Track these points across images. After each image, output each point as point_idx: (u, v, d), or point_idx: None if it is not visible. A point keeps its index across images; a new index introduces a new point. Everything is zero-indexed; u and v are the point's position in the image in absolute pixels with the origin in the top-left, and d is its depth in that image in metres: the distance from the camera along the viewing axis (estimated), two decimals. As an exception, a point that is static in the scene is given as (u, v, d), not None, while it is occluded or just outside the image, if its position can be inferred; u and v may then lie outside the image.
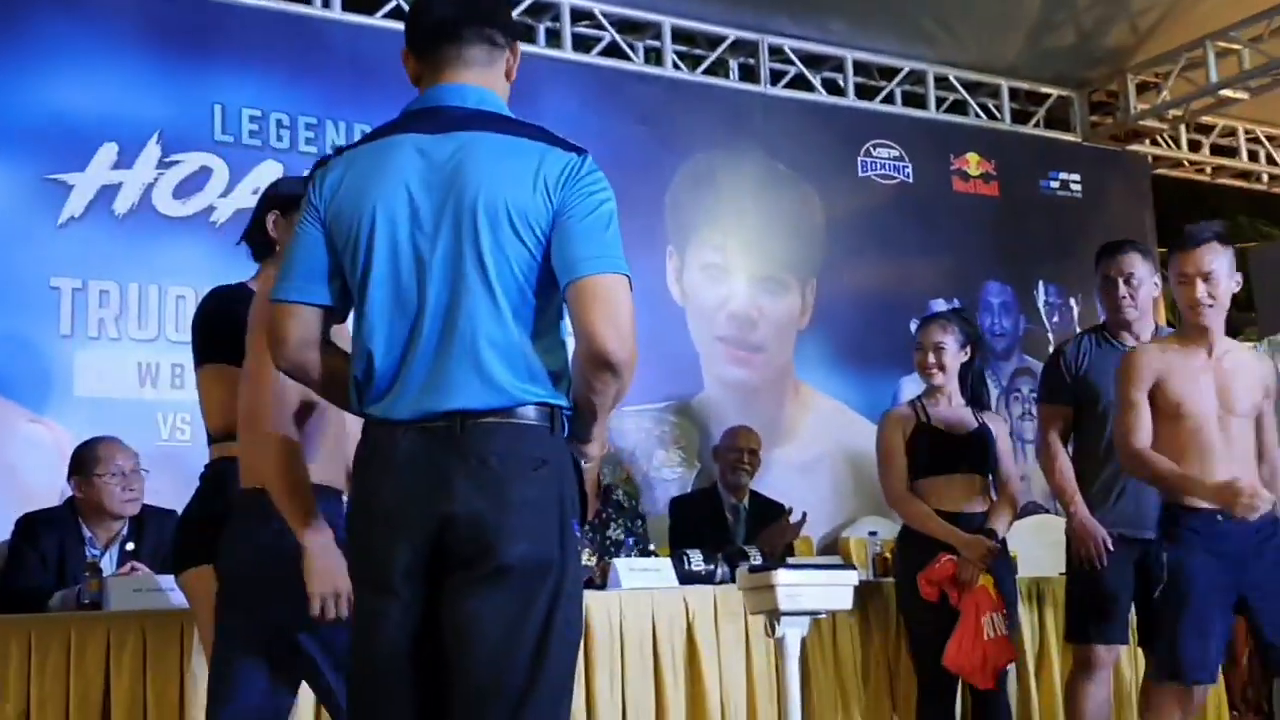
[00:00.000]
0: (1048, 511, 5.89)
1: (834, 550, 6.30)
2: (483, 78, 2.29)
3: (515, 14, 6.36)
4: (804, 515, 5.31)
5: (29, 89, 5.17)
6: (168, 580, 3.63)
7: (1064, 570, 4.29)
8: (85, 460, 4.17)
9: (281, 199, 2.96)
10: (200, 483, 3.01)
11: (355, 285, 2.22)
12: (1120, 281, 4.23)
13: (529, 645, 2.11)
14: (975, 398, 4.44)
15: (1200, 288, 3.69)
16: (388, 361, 2.19)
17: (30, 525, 4.14)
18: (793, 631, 3.25)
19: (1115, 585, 4.11)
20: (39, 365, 5.02)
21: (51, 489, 4.63)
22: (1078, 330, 6.28)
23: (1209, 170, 8.85)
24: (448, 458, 2.14)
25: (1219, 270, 3.71)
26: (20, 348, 4.99)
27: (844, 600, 3.31)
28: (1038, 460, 4.34)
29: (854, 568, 3.38)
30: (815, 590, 3.24)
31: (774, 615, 3.23)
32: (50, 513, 4.22)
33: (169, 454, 4.90)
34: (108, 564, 4.07)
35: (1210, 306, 3.71)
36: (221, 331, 2.93)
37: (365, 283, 2.19)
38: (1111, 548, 4.06)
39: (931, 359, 4.36)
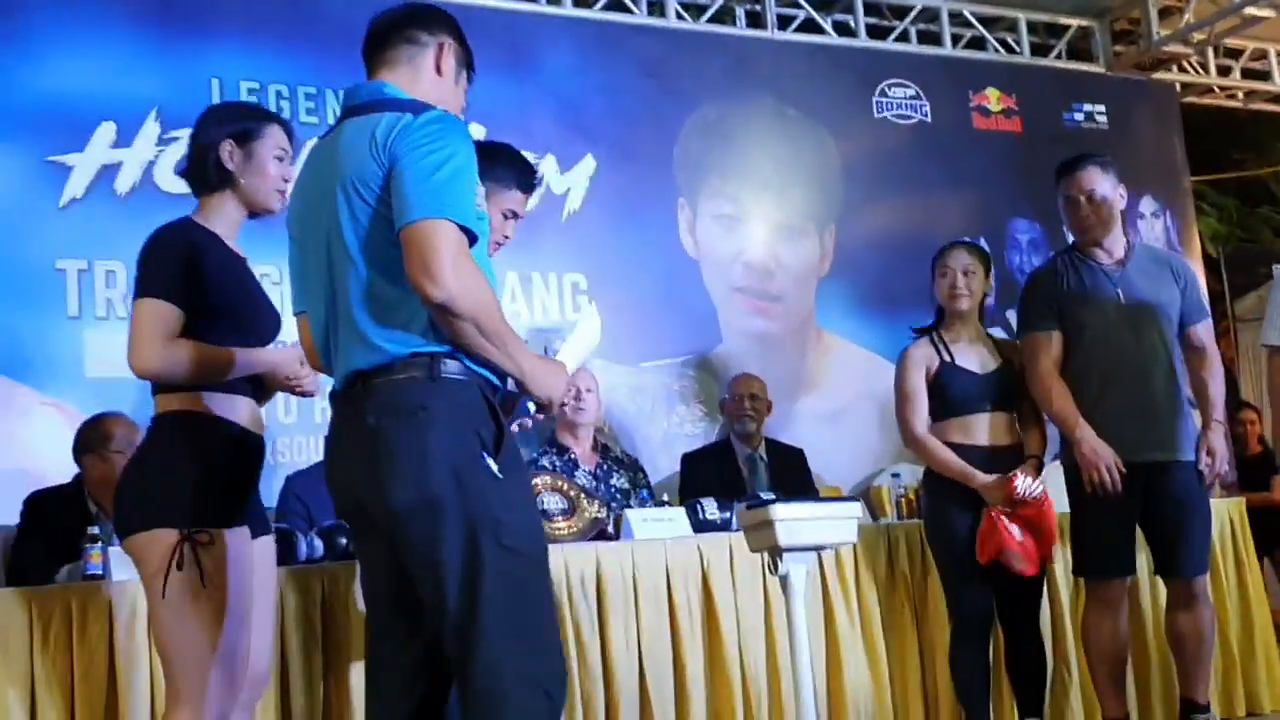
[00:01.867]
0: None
1: (866, 500, 6.20)
2: (393, 73, 2.49)
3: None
4: None
5: (24, 72, 5.17)
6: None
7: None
8: (93, 437, 4.15)
9: (235, 129, 2.88)
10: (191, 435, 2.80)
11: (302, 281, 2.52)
12: (1083, 200, 4.08)
13: (456, 580, 2.23)
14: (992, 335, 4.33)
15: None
16: (321, 345, 2.46)
17: (39, 504, 4.15)
18: (796, 568, 3.16)
19: (1121, 515, 3.98)
20: (48, 348, 5.03)
21: (66, 471, 4.59)
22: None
23: (1240, 95, 8.62)
24: (346, 424, 2.38)
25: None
26: (28, 331, 5.00)
27: (848, 533, 3.23)
28: (1031, 392, 4.15)
29: (856, 499, 3.28)
30: (816, 524, 3.15)
31: (775, 552, 3.16)
32: (58, 490, 4.21)
33: (183, 430, 4.87)
34: (115, 539, 4.05)
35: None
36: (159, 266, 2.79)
37: (296, 283, 2.52)
38: (1124, 470, 3.94)
39: (961, 282, 4.23)
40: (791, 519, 3.12)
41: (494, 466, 2.28)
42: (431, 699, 2.39)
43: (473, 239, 2.29)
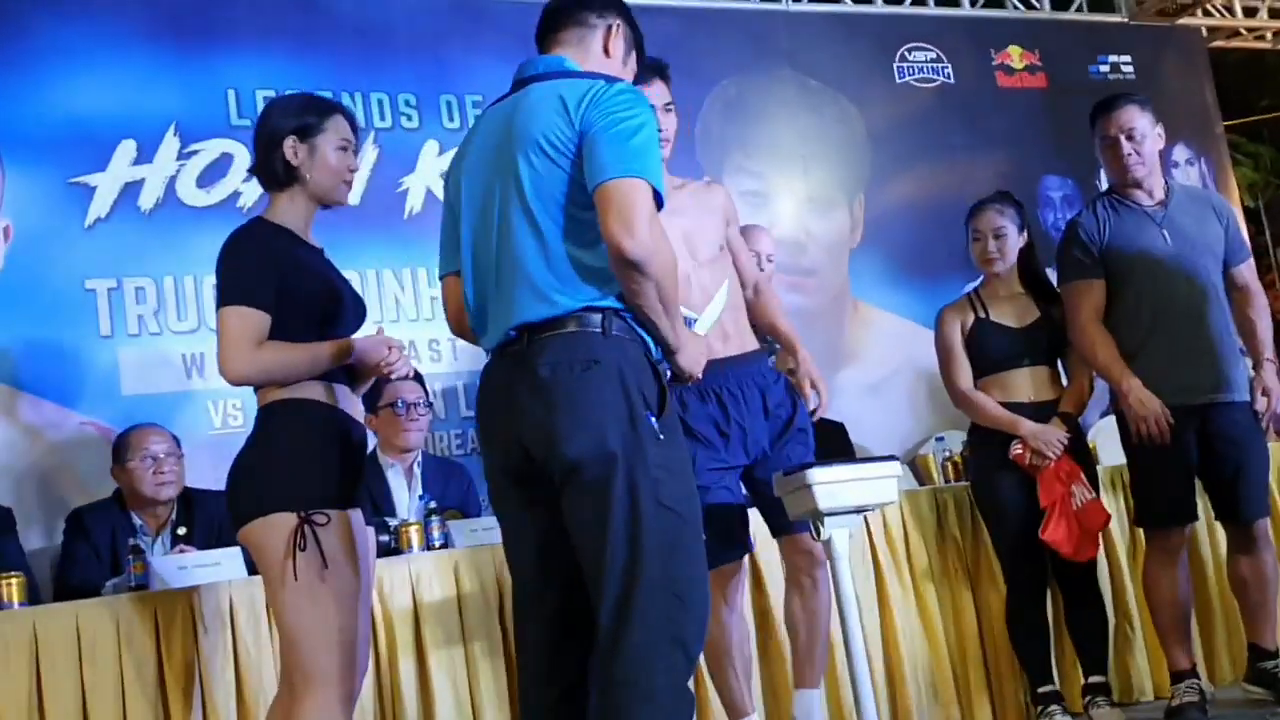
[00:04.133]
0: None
1: (915, 469, 6.13)
2: (565, 51, 2.59)
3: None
4: None
5: (42, 97, 5.17)
6: (213, 555, 3.63)
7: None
8: (119, 449, 4.19)
9: (297, 125, 2.88)
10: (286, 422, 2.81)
11: (456, 243, 2.58)
12: (1122, 138, 3.98)
13: (620, 532, 2.28)
14: (1036, 284, 4.25)
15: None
16: (477, 302, 2.51)
17: (79, 519, 4.16)
18: (839, 532, 3.10)
19: (1179, 462, 3.89)
20: (83, 368, 5.03)
21: (108, 491, 4.64)
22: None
23: (1269, 36, 8.46)
24: (515, 376, 2.40)
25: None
26: (62, 352, 5.00)
27: (889, 493, 3.16)
28: (1074, 343, 4.06)
29: (895, 458, 3.21)
30: (855, 485, 3.08)
31: (816, 517, 3.10)
32: (98, 505, 4.23)
33: (223, 441, 4.88)
34: (160, 549, 4.07)
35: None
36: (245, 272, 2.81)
37: (458, 239, 2.56)
38: (1173, 420, 3.84)
39: (993, 245, 4.18)
40: (830, 481, 3.05)
41: (656, 426, 2.35)
42: (579, 665, 2.41)
43: (659, 205, 2.37)
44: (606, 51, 2.60)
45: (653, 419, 2.35)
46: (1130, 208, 4.01)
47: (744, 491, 3.46)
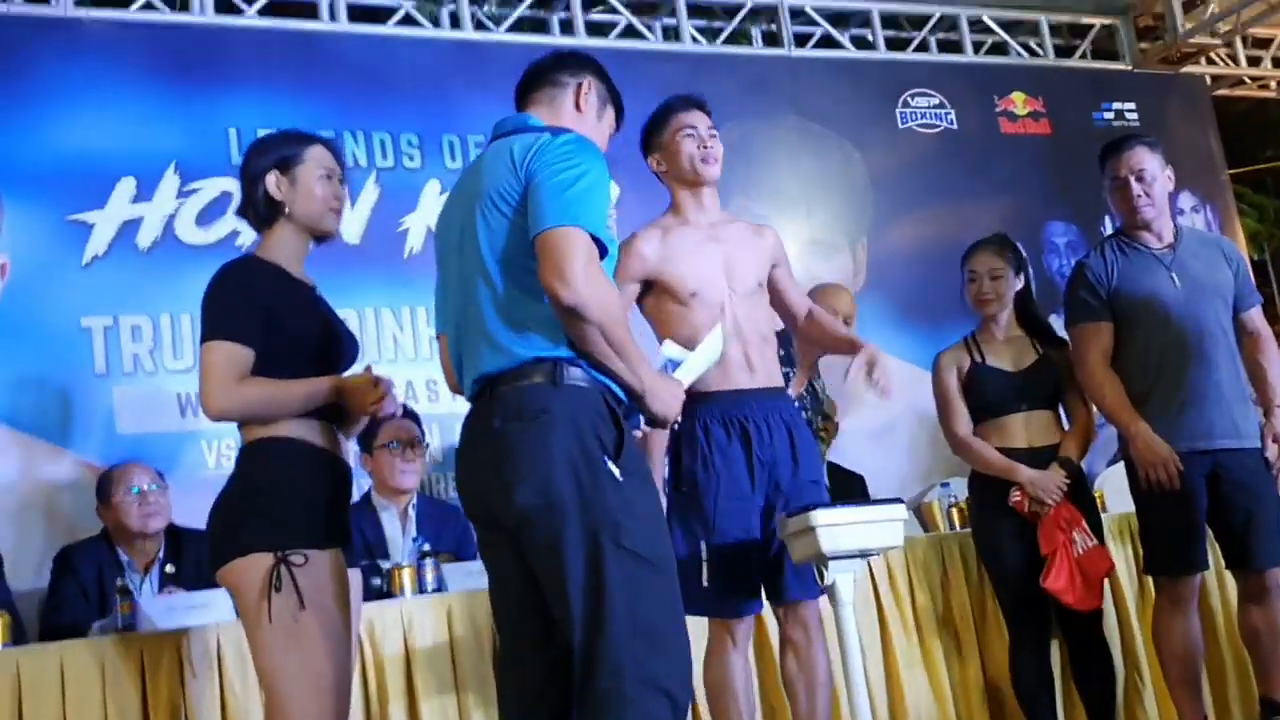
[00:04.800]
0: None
1: (919, 516, 6.06)
2: (537, 109, 2.69)
3: (524, 8, 6.28)
4: None
5: (43, 133, 5.16)
6: (202, 596, 3.56)
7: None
8: (103, 486, 4.16)
9: (276, 158, 2.85)
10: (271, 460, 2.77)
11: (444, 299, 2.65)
12: (1132, 179, 3.93)
13: (580, 583, 2.29)
14: (1034, 327, 4.20)
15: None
16: (456, 357, 2.57)
17: (67, 558, 4.12)
18: (843, 576, 3.04)
19: (1189, 509, 3.82)
20: (78, 407, 4.98)
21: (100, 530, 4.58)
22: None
23: (1273, 85, 8.46)
24: (475, 430, 2.49)
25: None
26: (57, 391, 4.96)
27: (894, 536, 3.10)
28: (1082, 386, 4.01)
29: (900, 501, 3.15)
30: (860, 528, 3.02)
31: (820, 560, 3.03)
32: (86, 543, 4.19)
33: (217, 481, 4.76)
34: (149, 588, 4.00)
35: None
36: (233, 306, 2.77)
37: (438, 305, 2.67)
38: (1181, 466, 3.78)
39: (988, 286, 4.13)
40: (834, 524, 2.99)
41: (615, 470, 2.35)
42: (560, 714, 2.40)
43: (603, 251, 2.41)
44: (578, 108, 2.70)
45: (610, 463, 2.36)
46: (1139, 250, 3.97)
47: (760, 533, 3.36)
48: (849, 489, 5.27)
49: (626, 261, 3.35)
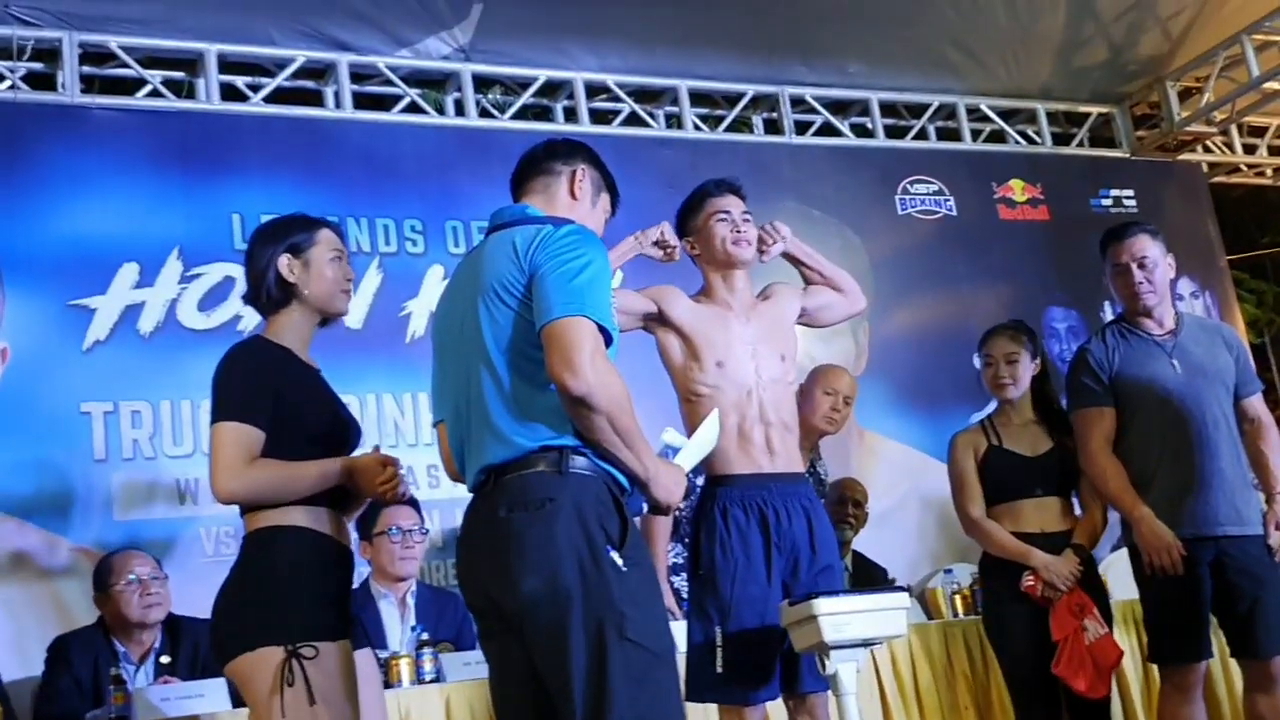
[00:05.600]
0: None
1: (924, 602, 6.00)
2: (532, 199, 2.71)
3: (529, 95, 6.35)
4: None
5: (46, 218, 5.20)
6: (199, 686, 3.52)
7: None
8: (101, 574, 4.11)
9: (288, 242, 2.86)
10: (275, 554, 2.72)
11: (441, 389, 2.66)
12: (1134, 266, 3.95)
13: (582, 673, 2.26)
14: (1049, 413, 4.20)
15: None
16: (457, 447, 2.55)
17: (62, 648, 4.06)
18: (845, 666, 2.99)
19: (1193, 597, 3.79)
20: (76, 493, 4.96)
21: (96, 617, 4.53)
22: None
23: (1270, 173, 8.53)
24: (479, 518, 2.47)
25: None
26: (55, 476, 4.94)
27: (897, 626, 3.06)
28: (1085, 471, 4.01)
29: (905, 589, 3.12)
30: (862, 617, 2.99)
31: (822, 650, 2.99)
32: (81, 633, 4.14)
33: (214, 569, 4.76)
34: (144, 679, 3.95)
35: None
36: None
37: (435, 392, 2.68)
38: (1185, 552, 3.76)
39: (1005, 370, 4.14)
40: (836, 613, 2.96)
41: (618, 560, 2.34)
42: None
43: (608, 340, 2.41)
44: (573, 194, 2.71)
45: (613, 553, 2.35)
46: (1140, 337, 3.98)
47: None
48: (870, 580, 5.22)
49: (655, 290, 3.47)
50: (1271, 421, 4.07)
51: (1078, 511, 4.13)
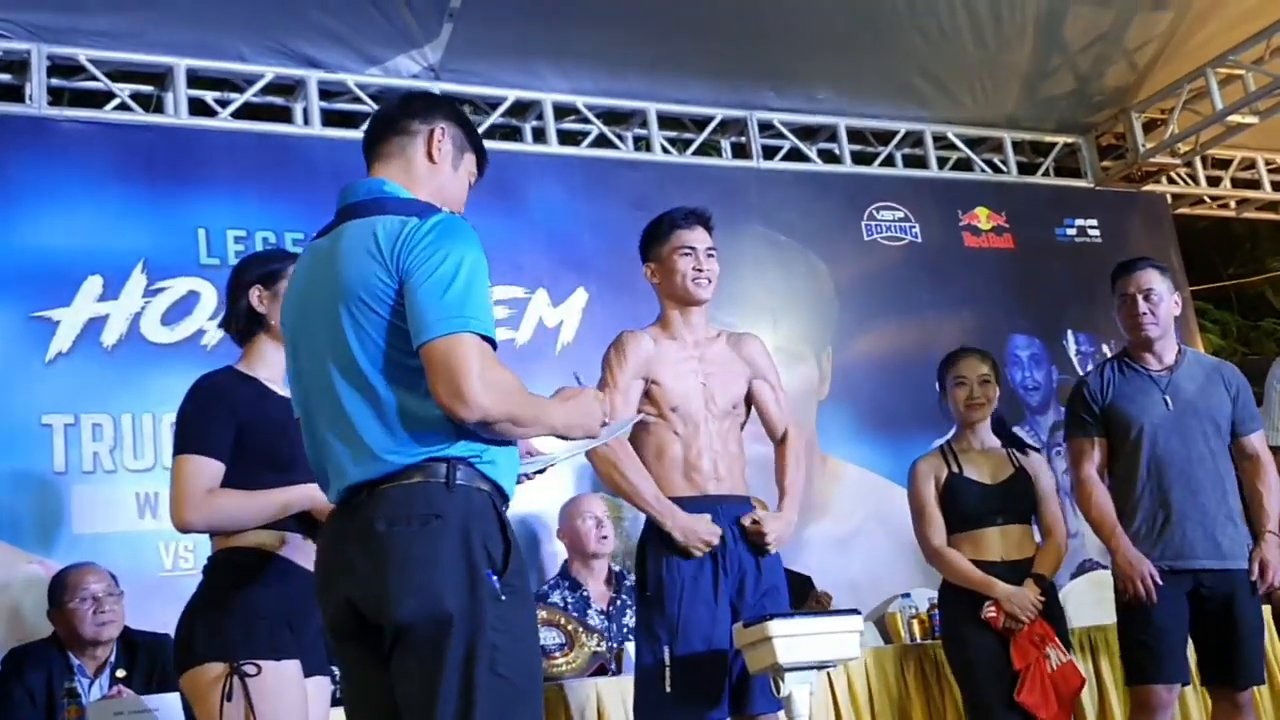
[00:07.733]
0: (1104, 567, 5.60)
1: (883, 626, 6.03)
2: (387, 167, 2.43)
3: (498, 115, 6.37)
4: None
5: (10, 230, 5.17)
6: (152, 700, 3.52)
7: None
8: (55, 590, 4.11)
9: (260, 273, 2.93)
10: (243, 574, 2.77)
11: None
12: (1139, 298, 4.06)
13: (450, 703, 2.12)
14: (1009, 436, 4.24)
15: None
16: (313, 455, 2.37)
17: (16, 661, 4.04)
18: (799, 689, 3.01)
19: (1169, 621, 3.88)
20: (34, 505, 4.92)
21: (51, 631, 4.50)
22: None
23: (1233, 205, 8.63)
24: (348, 531, 2.25)
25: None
26: (14, 488, 4.90)
27: (850, 649, 3.09)
28: (1073, 497, 4.10)
29: (857, 612, 3.15)
30: (816, 639, 3.01)
31: (777, 671, 3.01)
32: (35, 646, 4.12)
33: (172, 583, 4.76)
34: (98, 692, 3.93)
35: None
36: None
37: (294, 390, 2.43)
38: (1160, 581, 3.85)
39: (979, 392, 4.17)
40: (790, 635, 2.98)
41: (497, 586, 2.19)
42: None
43: (494, 344, 2.25)
44: (431, 158, 2.44)
45: (494, 578, 2.19)
46: (1137, 371, 4.10)
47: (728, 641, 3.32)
48: (800, 591, 5.25)
49: (626, 358, 3.46)
50: (1270, 460, 4.15)
51: (1038, 538, 4.17)
